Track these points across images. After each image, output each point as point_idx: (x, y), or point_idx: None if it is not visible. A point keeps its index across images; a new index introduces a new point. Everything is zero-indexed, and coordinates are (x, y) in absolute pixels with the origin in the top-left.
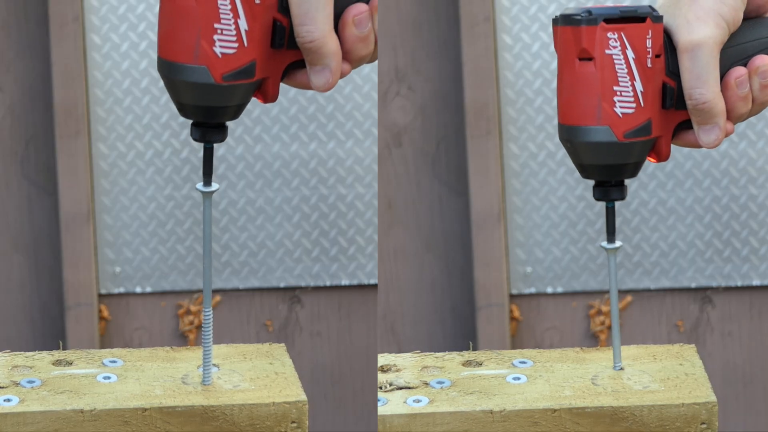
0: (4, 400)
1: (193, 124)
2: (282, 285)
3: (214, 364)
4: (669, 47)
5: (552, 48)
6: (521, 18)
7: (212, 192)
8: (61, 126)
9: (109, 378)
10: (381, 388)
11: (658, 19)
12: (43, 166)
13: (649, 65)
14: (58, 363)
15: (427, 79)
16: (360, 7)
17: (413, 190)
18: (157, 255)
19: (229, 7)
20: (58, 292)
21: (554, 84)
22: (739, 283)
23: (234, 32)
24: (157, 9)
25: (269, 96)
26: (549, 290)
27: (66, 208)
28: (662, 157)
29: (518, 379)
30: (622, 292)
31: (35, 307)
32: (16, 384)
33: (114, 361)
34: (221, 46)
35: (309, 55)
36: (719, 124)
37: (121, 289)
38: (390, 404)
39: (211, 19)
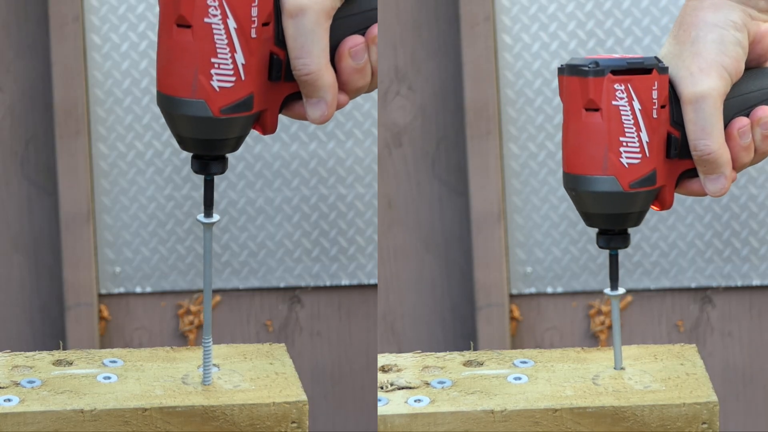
0: (5, 400)
1: (193, 157)
2: (282, 285)
3: (214, 364)
4: (673, 97)
5: (553, 47)
6: (521, 18)
7: (213, 223)
8: (61, 126)
9: (109, 378)
10: (382, 388)
11: (664, 70)
12: (43, 166)
13: (655, 116)
14: (58, 363)
15: (427, 79)
16: (356, 39)
17: (413, 190)
18: (157, 255)
19: (226, 41)
20: (58, 292)
21: (555, 84)
22: (739, 283)
23: (231, 66)
24: (157, 9)
25: (268, 127)
26: (549, 290)
27: (66, 208)
28: (666, 205)
29: (519, 379)
30: None
31: (35, 307)
32: (17, 384)
33: (114, 361)
34: (219, 80)
35: (305, 87)
36: (725, 173)
37: (121, 289)
38: (391, 404)
39: (208, 54)
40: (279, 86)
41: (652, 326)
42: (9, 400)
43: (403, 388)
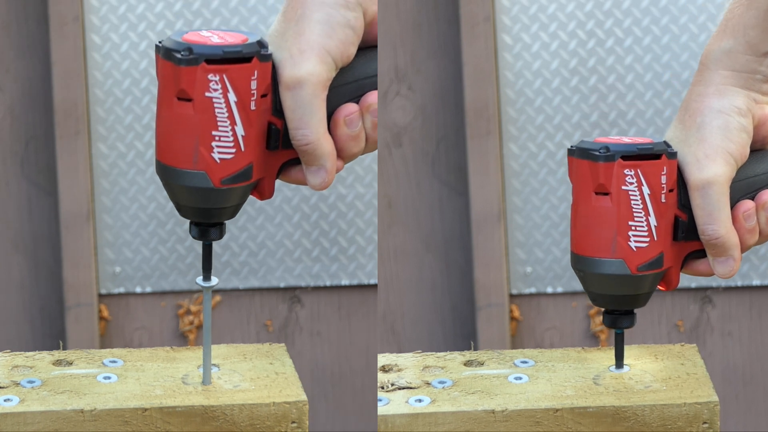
0: (4, 400)
1: (191, 223)
2: (282, 285)
3: (214, 364)
4: (680, 181)
5: (553, 47)
6: (521, 18)
7: (212, 287)
8: (61, 126)
9: (109, 378)
10: (382, 387)
11: (673, 155)
12: (43, 166)
13: (663, 200)
14: (58, 363)
15: (427, 79)
16: (350, 108)
17: (413, 190)
18: (157, 255)
19: (226, 114)
20: (58, 292)
21: (555, 84)
22: (739, 283)
23: (231, 138)
24: (157, 9)
25: (266, 194)
26: (549, 290)
27: (66, 208)
28: (672, 285)
29: (520, 378)
30: None
31: (35, 307)
32: (17, 384)
33: (114, 361)
34: (219, 152)
35: (305, 156)
36: (734, 255)
37: (121, 289)
38: (392, 404)
39: (209, 127)
40: (277, 154)
41: (652, 326)
42: (9, 400)
43: (403, 388)
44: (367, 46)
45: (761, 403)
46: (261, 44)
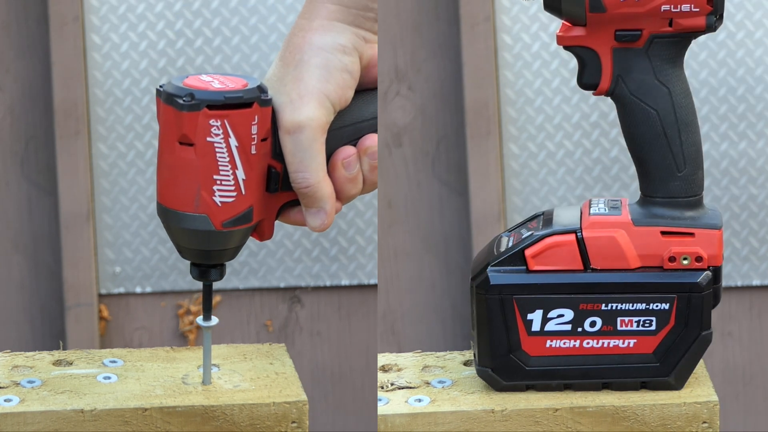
0: (5, 400)
1: (192, 264)
2: (282, 285)
3: (214, 364)
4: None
5: (553, 47)
6: (521, 18)
7: (212, 327)
8: (61, 126)
9: (109, 378)
10: (382, 387)
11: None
12: (43, 166)
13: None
14: (58, 363)
15: (427, 79)
16: (348, 150)
17: (413, 189)
18: (157, 255)
19: (228, 159)
20: (58, 292)
21: (554, 84)
22: (739, 283)
23: (232, 182)
24: (157, 9)
25: (265, 235)
26: None
27: (66, 208)
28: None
29: None
30: None
31: (35, 307)
32: (17, 384)
33: (114, 361)
34: (221, 196)
35: (305, 198)
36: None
37: (121, 289)
38: (391, 404)
39: (210, 171)
40: (276, 196)
41: None
42: (9, 400)
43: (403, 387)
44: (365, 89)
45: (761, 403)
46: (261, 89)
